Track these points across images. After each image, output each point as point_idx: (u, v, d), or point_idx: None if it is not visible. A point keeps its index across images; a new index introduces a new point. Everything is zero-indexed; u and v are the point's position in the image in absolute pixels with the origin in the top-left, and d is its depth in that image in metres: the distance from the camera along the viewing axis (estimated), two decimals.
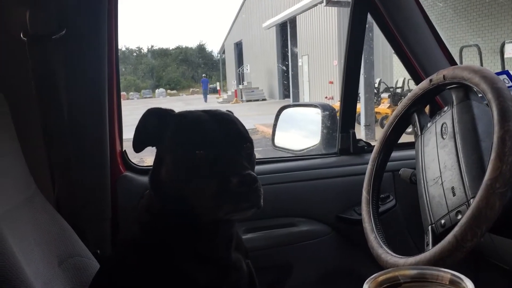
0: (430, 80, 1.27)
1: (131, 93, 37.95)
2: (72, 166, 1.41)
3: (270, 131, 2.27)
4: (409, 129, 1.43)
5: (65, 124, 1.38)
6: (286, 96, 21.97)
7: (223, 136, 0.96)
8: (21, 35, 1.30)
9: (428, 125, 1.29)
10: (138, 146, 1.02)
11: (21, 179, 1.14)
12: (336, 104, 2.28)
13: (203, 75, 35.95)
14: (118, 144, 1.61)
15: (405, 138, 1.53)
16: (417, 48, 1.76)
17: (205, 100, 25.96)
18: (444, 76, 1.21)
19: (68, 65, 1.41)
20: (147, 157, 1.09)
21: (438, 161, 1.18)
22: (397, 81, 12.60)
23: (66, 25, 1.36)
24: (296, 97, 18.80)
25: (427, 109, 1.59)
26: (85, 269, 1.23)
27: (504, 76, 1.60)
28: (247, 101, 23.96)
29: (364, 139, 1.94)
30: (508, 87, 1.14)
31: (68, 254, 1.21)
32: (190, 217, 0.97)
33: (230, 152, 0.95)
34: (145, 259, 0.98)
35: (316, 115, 2.01)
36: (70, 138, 1.40)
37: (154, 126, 1.00)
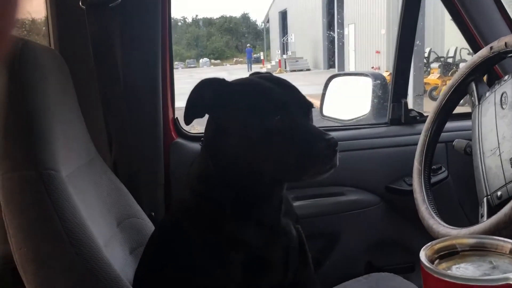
0: (491, 48, 1.22)
1: (176, 62, 38.35)
2: (127, 132, 1.46)
3: (316, 101, 2.25)
4: (462, 100, 1.39)
5: (121, 91, 1.42)
6: (331, 66, 21.61)
7: (293, 102, 0.98)
8: (80, 3, 1.34)
9: (487, 94, 1.24)
10: (191, 117, 1.00)
11: (83, 143, 1.19)
12: (383, 74, 2.23)
13: (248, 45, 35.77)
14: (170, 111, 1.65)
15: (458, 109, 1.48)
16: (476, 13, 1.68)
17: (249, 70, 25.92)
18: (506, 43, 1.16)
19: (124, 33, 1.45)
20: (196, 125, 1.10)
21: (497, 131, 1.15)
22: (448, 50, 12.09)
23: None
24: (342, 67, 18.46)
25: (485, 78, 1.54)
26: (141, 229, 1.29)
27: None
28: (291, 71, 23.73)
29: None
30: None
31: (126, 215, 1.26)
32: (251, 182, 0.99)
33: (303, 116, 0.98)
34: (198, 223, 1.01)
35: (366, 84, 1.98)
36: (125, 105, 1.44)
37: (210, 96, 0.99)
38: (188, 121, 1.01)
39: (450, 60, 11.32)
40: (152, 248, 1.10)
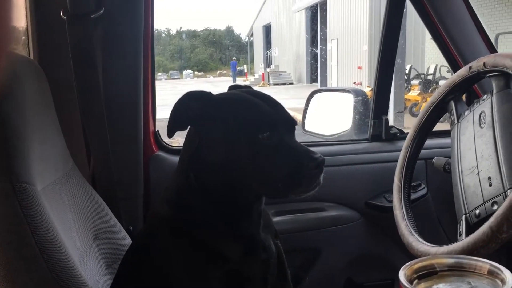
0: (470, 67, 1.24)
1: (159, 73, 38.26)
2: (106, 144, 1.44)
3: (298, 115, 2.26)
4: (442, 118, 1.41)
5: (101, 102, 1.41)
6: (314, 80, 21.77)
7: (280, 119, 0.99)
8: (61, 14, 1.32)
9: (465, 113, 1.26)
10: (175, 129, 0.99)
11: (60, 155, 1.17)
12: (365, 90, 2.25)
13: (233, 58, 35.94)
14: (151, 123, 1.63)
15: (437, 127, 1.50)
16: (456, 33, 1.72)
17: (234, 82, 26.03)
18: (484, 63, 1.18)
19: (105, 44, 1.43)
20: (178, 137, 1.08)
21: (475, 150, 1.16)
22: (428, 68, 12.32)
23: (104, 5, 1.38)
24: (324, 82, 18.61)
25: (464, 97, 1.56)
26: (118, 244, 1.26)
27: None
28: (274, 84, 23.85)
29: None
30: None
31: (102, 229, 1.24)
32: (232, 196, 0.99)
33: (289, 134, 0.99)
34: (175, 237, 0.99)
35: (348, 100, 1.99)
36: (105, 116, 1.43)
37: (195, 109, 0.98)
38: (170, 133, 1.00)
39: (430, 77, 11.52)
40: (128, 263, 1.08)
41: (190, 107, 0.98)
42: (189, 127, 1.02)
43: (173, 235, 1.00)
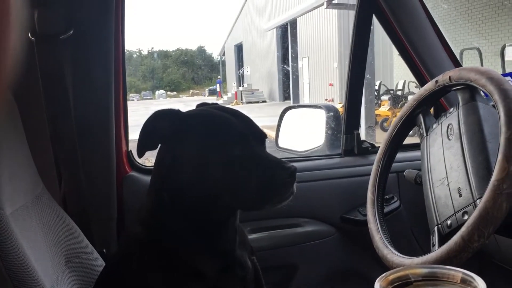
0: (436, 81, 1.27)
1: (131, 94, 38.03)
2: (78, 166, 1.41)
3: (271, 133, 2.27)
4: (412, 131, 1.44)
5: (72, 124, 1.39)
6: (286, 98, 21.98)
7: (250, 132, 1.00)
8: (29, 35, 1.31)
9: (434, 126, 1.29)
10: (144, 148, 0.98)
11: (29, 179, 1.14)
12: (337, 106, 2.29)
13: (218, 77, 36.18)
14: (124, 144, 1.61)
15: (408, 140, 1.53)
16: (422, 49, 1.77)
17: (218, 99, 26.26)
18: (450, 77, 1.22)
19: (76, 65, 1.42)
20: (151, 157, 1.07)
21: (444, 162, 1.19)
22: (397, 84, 12.61)
23: (74, 25, 1.37)
24: (297, 99, 18.81)
25: (432, 110, 1.60)
26: (92, 268, 1.23)
27: (509, 78, 1.61)
28: (247, 102, 23.97)
29: None
30: None
31: (74, 253, 1.21)
32: (207, 213, 0.98)
33: (260, 146, 1.01)
34: (150, 257, 0.98)
35: (320, 116, 2.02)
36: (76, 138, 1.40)
37: (165, 127, 0.98)
38: (140, 152, 0.99)
39: (399, 93, 11.78)
40: (101, 287, 1.05)
41: (159, 126, 0.98)
42: (159, 145, 1.01)
43: (148, 256, 0.98)
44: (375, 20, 1.84)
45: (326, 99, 15.96)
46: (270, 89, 24.82)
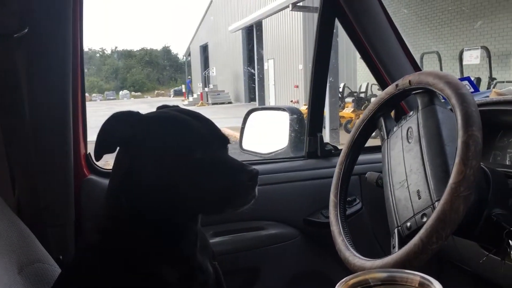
0: (396, 85, 1.29)
1: (94, 94, 37.29)
2: (33, 168, 1.36)
3: (237, 134, 2.26)
4: (374, 133, 1.46)
5: (27, 125, 1.33)
6: (252, 99, 22.04)
7: (211, 135, 0.99)
8: None
9: (394, 129, 1.31)
10: (102, 152, 0.96)
11: None
12: (302, 108, 2.30)
13: (188, 77, 35.92)
14: (82, 146, 1.57)
15: (371, 142, 1.55)
16: (383, 53, 1.80)
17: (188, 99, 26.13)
18: (409, 81, 1.23)
19: (31, 64, 1.36)
20: (111, 160, 1.05)
21: (404, 164, 1.20)
22: (360, 86, 12.86)
23: (29, 24, 1.31)
24: (262, 100, 18.88)
25: (392, 113, 1.62)
26: (47, 275, 1.18)
27: (466, 82, 1.65)
28: (213, 104, 23.92)
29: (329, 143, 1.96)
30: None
31: (29, 260, 1.16)
32: (167, 216, 0.97)
33: (222, 149, 1.00)
34: (108, 263, 0.95)
35: (284, 118, 2.02)
36: (31, 139, 1.35)
37: (123, 130, 0.95)
38: (98, 156, 0.96)
39: (362, 95, 12.01)
40: None
41: (117, 128, 0.95)
42: (118, 148, 0.99)
43: (105, 263, 0.95)
44: (338, 23, 1.86)
45: (292, 101, 16.10)
46: (236, 90, 24.84)
